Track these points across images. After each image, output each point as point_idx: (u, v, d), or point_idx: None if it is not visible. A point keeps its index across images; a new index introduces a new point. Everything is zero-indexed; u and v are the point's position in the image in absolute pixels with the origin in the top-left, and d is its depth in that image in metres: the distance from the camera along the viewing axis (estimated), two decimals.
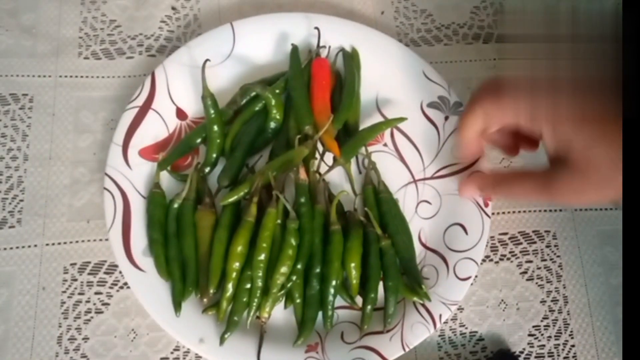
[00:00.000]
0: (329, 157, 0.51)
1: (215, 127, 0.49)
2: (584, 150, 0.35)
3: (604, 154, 0.34)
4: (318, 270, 0.46)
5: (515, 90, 0.39)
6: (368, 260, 0.47)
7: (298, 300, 0.46)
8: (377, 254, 0.47)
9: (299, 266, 0.45)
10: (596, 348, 0.50)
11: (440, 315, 0.46)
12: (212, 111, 0.49)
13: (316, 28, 0.53)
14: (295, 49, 0.53)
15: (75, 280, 0.48)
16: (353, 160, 0.52)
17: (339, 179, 0.51)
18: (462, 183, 0.48)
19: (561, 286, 0.51)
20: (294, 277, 0.45)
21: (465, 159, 0.47)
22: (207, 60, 0.49)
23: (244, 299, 0.45)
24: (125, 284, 0.48)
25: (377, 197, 0.49)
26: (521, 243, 0.52)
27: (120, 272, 0.48)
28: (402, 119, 0.52)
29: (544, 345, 0.49)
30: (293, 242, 0.45)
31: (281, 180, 0.48)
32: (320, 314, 0.46)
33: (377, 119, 0.53)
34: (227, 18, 0.56)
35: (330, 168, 0.50)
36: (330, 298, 0.45)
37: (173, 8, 0.58)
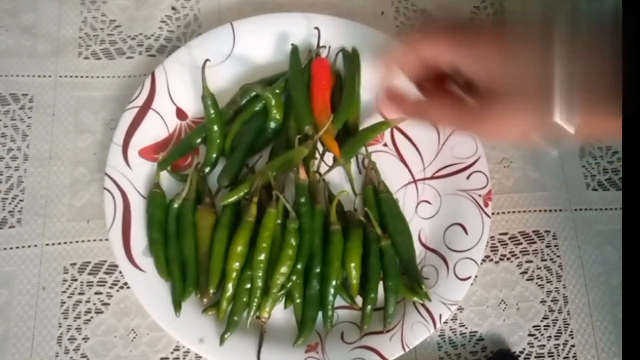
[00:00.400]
0: (329, 157, 0.51)
1: (215, 127, 0.49)
2: (506, 84, 0.35)
3: (526, 87, 0.34)
4: (318, 270, 0.46)
5: (446, 31, 0.39)
6: (368, 260, 0.47)
7: (298, 301, 0.46)
8: (377, 254, 0.47)
9: (299, 266, 0.45)
10: (596, 348, 0.50)
11: (440, 315, 0.46)
12: (211, 111, 0.49)
13: (316, 28, 0.53)
14: (295, 49, 0.53)
15: (75, 280, 0.48)
16: (353, 160, 0.52)
17: (339, 179, 0.51)
18: (385, 104, 0.44)
19: (561, 286, 0.51)
20: (294, 277, 0.45)
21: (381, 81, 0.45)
22: (207, 60, 0.49)
23: (244, 299, 0.45)
24: (125, 284, 0.48)
25: (377, 197, 0.49)
26: (521, 243, 0.52)
27: (120, 272, 0.48)
28: (402, 119, 0.52)
29: (544, 345, 0.49)
30: (293, 242, 0.45)
31: (281, 180, 0.48)
32: (320, 314, 0.46)
33: (377, 119, 0.53)
34: (227, 18, 0.56)
35: (330, 168, 0.50)
36: (330, 298, 0.45)
37: (173, 8, 0.58)
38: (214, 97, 0.49)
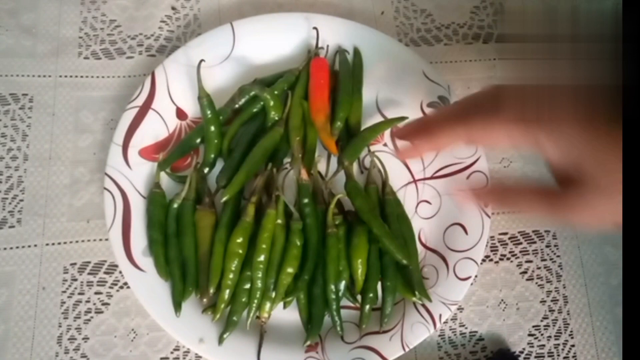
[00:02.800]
0: (333, 158, 0.51)
1: (213, 128, 0.49)
2: (597, 165, 0.32)
3: (618, 167, 0.32)
4: (323, 269, 0.46)
5: (510, 111, 0.35)
6: (368, 259, 0.47)
7: (303, 301, 0.46)
8: (376, 254, 0.47)
9: (308, 264, 0.45)
10: (596, 348, 0.50)
11: (440, 315, 0.46)
12: (208, 111, 0.49)
13: (314, 28, 0.53)
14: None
15: (75, 280, 0.48)
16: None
17: (340, 178, 0.51)
18: (463, 193, 0.44)
19: (561, 286, 0.51)
20: (306, 277, 0.45)
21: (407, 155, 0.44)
22: (202, 60, 0.49)
23: (243, 299, 0.45)
24: (125, 284, 0.48)
25: (383, 198, 0.50)
26: (521, 243, 0.52)
27: (120, 272, 0.48)
28: (402, 118, 0.52)
29: (543, 345, 0.49)
30: (297, 242, 0.45)
31: (280, 180, 0.48)
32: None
33: (378, 119, 0.53)
34: (227, 18, 0.56)
35: (336, 172, 0.50)
36: (332, 301, 0.45)
37: (173, 8, 0.58)
38: (210, 98, 0.49)
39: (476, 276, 0.50)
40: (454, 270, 0.48)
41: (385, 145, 0.53)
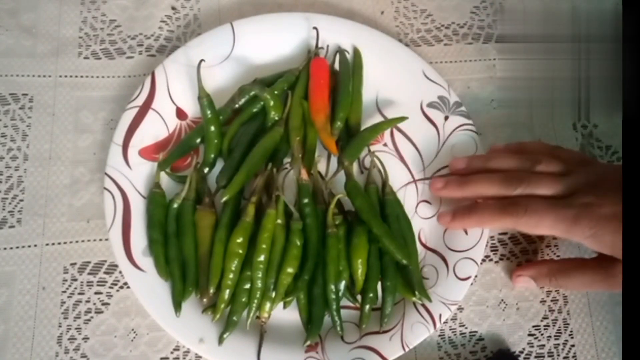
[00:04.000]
0: (333, 158, 0.51)
1: (213, 128, 0.49)
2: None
3: None
4: (323, 269, 0.46)
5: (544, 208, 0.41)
6: (368, 260, 0.47)
7: (303, 301, 0.46)
8: (376, 254, 0.47)
9: (308, 264, 0.45)
10: (596, 348, 0.50)
11: (440, 315, 0.46)
12: (208, 111, 0.49)
13: (314, 28, 0.53)
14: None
15: (75, 280, 0.48)
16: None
17: (340, 179, 0.51)
18: (516, 272, 0.49)
19: None
20: (306, 277, 0.45)
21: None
22: (202, 60, 0.49)
23: (243, 299, 0.45)
24: (125, 284, 0.48)
25: (383, 198, 0.49)
26: (521, 243, 0.52)
27: (120, 272, 0.48)
28: (403, 118, 0.52)
29: (543, 345, 0.49)
30: (297, 242, 0.45)
31: (280, 180, 0.48)
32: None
33: (378, 119, 0.53)
34: (227, 18, 0.56)
35: (336, 172, 0.50)
36: (332, 301, 0.45)
37: (173, 8, 0.58)
38: (210, 98, 0.49)
39: (476, 276, 0.50)
40: (454, 270, 0.48)
41: (385, 145, 0.53)
